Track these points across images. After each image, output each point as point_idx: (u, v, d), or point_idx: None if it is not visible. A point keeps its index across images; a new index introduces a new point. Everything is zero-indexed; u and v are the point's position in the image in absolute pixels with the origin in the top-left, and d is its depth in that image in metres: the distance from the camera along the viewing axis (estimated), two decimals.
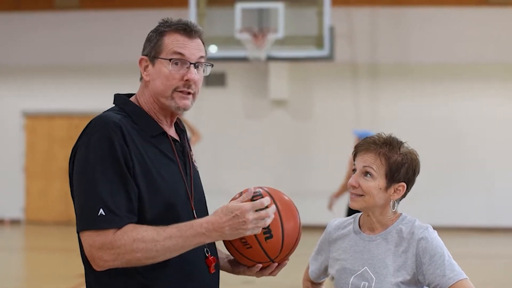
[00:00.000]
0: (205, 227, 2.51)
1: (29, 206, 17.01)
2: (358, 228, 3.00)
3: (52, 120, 16.94)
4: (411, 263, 2.85)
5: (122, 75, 16.07)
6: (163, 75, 2.70)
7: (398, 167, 2.90)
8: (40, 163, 16.96)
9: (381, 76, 16.10)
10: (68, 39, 16.64)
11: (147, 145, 2.65)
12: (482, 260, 12.06)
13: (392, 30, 16.08)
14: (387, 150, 2.91)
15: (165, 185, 2.63)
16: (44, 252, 13.13)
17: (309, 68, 16.02)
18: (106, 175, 2.51)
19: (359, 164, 2.92)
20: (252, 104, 16.32)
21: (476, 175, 15.79)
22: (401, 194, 2.93)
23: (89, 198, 2.51)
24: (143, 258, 2.49)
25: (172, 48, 2.71)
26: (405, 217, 2.97)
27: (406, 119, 15.78)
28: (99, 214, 2.47)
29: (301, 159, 16.16)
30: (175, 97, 2.71)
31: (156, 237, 2.48)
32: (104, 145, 2.54)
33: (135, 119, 2.69)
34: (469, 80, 15.88)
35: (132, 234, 2.48)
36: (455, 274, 2.82)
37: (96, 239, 2.48)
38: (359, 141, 2.63)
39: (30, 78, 16.90)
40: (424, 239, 2.87)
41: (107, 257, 2.48)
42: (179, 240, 2.50)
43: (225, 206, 2.55)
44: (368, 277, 2.88)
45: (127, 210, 2.52)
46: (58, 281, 9.73)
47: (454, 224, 15.51)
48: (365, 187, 2.88)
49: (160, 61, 2.71)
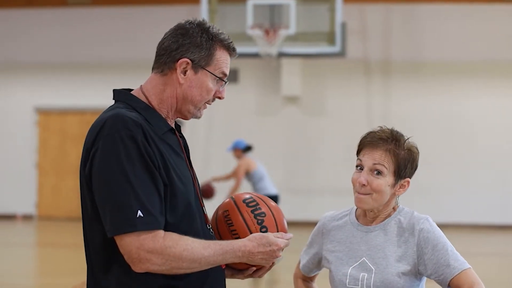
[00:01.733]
0: (242, 250, 2.59)
1: (41, 202, 17.08)
2: (355, 220, 2.96)
3: (64, 116, 16.99)
4: (412, 254, 2.83)
5: (135, 72, 16.08)
6: (205, 88, 2.69)
7: (405, 164, 2.87)
8: (52, 159, 17.02)
9: (394, 73, 16.06)
10: (80, 36, 16.69)
11: (161, 142, 2.62)
12: (494, 258, 12.02)
13: (405, 26, 16.03)
14: (394, 146, 2.86)
15: (181, 182, 2.61)
16: (56, 248, 13.17)
17: (321, 65, 15.99)
18: (138, 176, 2.48)
19: (367, 162, 2.85)
20: (264, 101, 16.32)
21: (489, 173, 15.73)
22: (406, 190, 2.91)
23: (125, 200, 2.46)
24: (185, 268, 2.52)
25: (221, 68, 2.70)
26: (403, 208, 2.94)
27: (418, 116, 15.74)
28: (138, 216, 2.45)
29: (313, 156, 16.15)
30: (201, 108, 2.74)
31: (203, 251, 2.52)
32: (131, 145, 2.49)
33: (145, 116, 2.65)
34: (482, 78, 15.81)
35: (183, 244, 2.49)
36: (459, 264, 2.80)
37: (144, 242, 2.46)
38: (236, 151, 2.55)
39: (42, 74, 16.96)
40: (426, 230, 2.84)
41: (157, 261, 2.47)
42: (219, 257, 2.56)
43: (264, 237, 2.63)
44: (367, 268, 2.85)
45: (161, 210, 2.51)
46: (70, 276, 9.76)
47: (465, 221, 15.46)
48: (375, 185, 2.83)
49: (206, 73, 2.68)
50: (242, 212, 2.75)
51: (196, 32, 2.70)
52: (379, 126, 2.95)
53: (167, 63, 2.70)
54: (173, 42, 2.70)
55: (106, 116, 2.57)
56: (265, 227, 2.71)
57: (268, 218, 2.74)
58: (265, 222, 2.72)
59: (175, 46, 2.69)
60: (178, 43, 2.69)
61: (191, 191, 2.67)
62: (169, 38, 2.72)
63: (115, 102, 2.74)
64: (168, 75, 2.70)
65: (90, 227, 2.63)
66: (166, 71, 2.70)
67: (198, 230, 2.62)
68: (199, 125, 15.66)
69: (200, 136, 15.94)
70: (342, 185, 15.56)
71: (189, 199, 2.63)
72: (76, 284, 8.38)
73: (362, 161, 2.87)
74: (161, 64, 2.71)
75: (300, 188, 16.03)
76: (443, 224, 13.88)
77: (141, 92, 2.74)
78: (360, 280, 2.84)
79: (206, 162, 15.45)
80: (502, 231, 15.34)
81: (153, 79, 2.74)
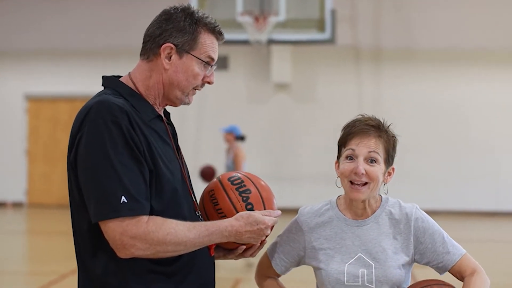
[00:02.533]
0: (229, 230, 2.60)
1: (32, 189, 17.05)
2: (341, 214, 2.89)
3: (55, 104, 16.95)
4: (409, 244, 2.82)
5: (126, 59, 16.03)
6: (191, 73, 2.68)
7: (392, 150, 2.86)
8: (42, 146, 16.99)
9: (384, 60, 16.06)
10: (71, 23, 16.61)
11: (147, 128, 2.62)
12: (488, 245, 12.07)
13: (395, 13, 16.01)
14: (384, 133, 2.84)
15: (167, 169, 2.62)
16: (46, 235, 13.17)
17: (311, 52, 15.98)
18: (122, 161, 2.48)
19: (361, 150, 2.79)
20: (255, 88, 16.31)
21: (482, 160, 15.78)
22: (391, 177, 2.88)
23: (108, 186, 2.47)
24: (171, 251, 2.53)
25: (207, 52, 2.69)
26: (387, 198, 2.91)
27: (408, 103, 15.77)
28: (122, 202, 2.45)
29: (303, 143, 16.16)
30: (190, 94, 2.73)
31: (187, 233, 2.53)
32: (114, 130, 2.49)
33: (132, 102, 2.65)
34: (473, 65, 15.83)
35: (165, 228, 2.50)
36: (458, 250, 2.84)
37: (128, 227, 2.47)
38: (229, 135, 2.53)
39: (33, 61, 16.90)
40: (420, 219, 2.84)
41: (141, 246, 2.48)
42: (205, 239, 2.57)
43: (251, 215, 2.63)
44: (366, 263, 2.80)
45: (146, 196, 2.52)
46: (61, 264, 9.76)
47: (460, 208, 15.53)
48: (373, 173, 2.77)
49: (191, 58, 2.68)
50: (227, 190, 2.75)
51: (179, 16, 2.69)
52: (360, 115, 2.91)
53: (152, 49, 2.70)
54: (157, 28, 2.70)
55: (91, 103, 2.58)
56: (251, 204, 2.70)
57: (254, 195, 2.73)
58: (251, 199, 2.71)
59: (159, 32, 2.69)
60: (162, 29, 2.69)
61: (178, 178, 2.67)
62: (154, 24, 2.72)
63: (104, 89, 2.74)
64: (154, 61, 2.70)
65: (77, 213, 2.64)
66: (152, 57, 2.70)
67: (185, 217, 2.62)
68: (189, 113, 15.64)
69: (190, 123, 15.92)
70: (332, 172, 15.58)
71: (176, 185, 2.63)
72: None
73: (355, 150, 2.80)
74: (146, 51, 2.72)
75: (290, 175, 16.05)
76: (435, 211, 13.97)
77: (129, 79, 2.74)
78: (360, 277, 2.80)
79: (197, 149, 15.45)
80: (495, 217, 15.41)
81: (140, 66, 2.74)
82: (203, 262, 2.72)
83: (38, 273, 9.49)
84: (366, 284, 2.80)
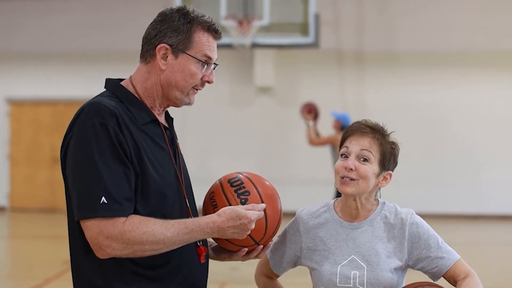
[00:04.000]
0: (210, 227, 2.58)
1: (14, 193, 16.95)
2: (337, 216, 2.93)
3: (37, 107, 16.87)
4: (403, 249, 2.85)
5: (108, 62, 16.02)
6: (188, 72, 2.69)
7: (389, 155, 2.90)
8: (25, 150, 16.89)
9: (367, 64, 16.12)
10: (53, 26, 16.55)
11: (140, 132, 2.63)
12: (468, 247, 12.13)
13: (378, 17, 16.08)
14: (381, 136, 2.89)
15: (157, 173, 2.62)
16: (29, 239, 13.10)
17: (295, 55, 16.00)
18: (106, 163, 2.50)
19: (354, 147, 2.84)
20: (238, 91, 16.31)
21: (463, 163, 15.86)
22: (388, 183, 2.92)
23: (90, 186, 2.49)
24: (149, 250, 2.52)
25: (203, 51, 2.71)
26: (384, 202, 2.94)
27: (392, 106, 15.82)
28: (101, 202, 2.47)
29: (287, 146, 16.18)
30: (190, 93, 2.74)
31: (165, 232, 2.52)
32: (101, 132, 2.51)
33: (127, 105, 2.66)
34: (456, 68, 15.91)
35: (141, 227, 2.49)
36: (452, 255, 2.87)
37: (103, 228, 2.48)
38: (338, 123, 2.60)
39: (14, 64, 16.81)
40: (415, 224, 2.88)
41: (116, 245, 2.49)
42: (185, 236, 2.55)
43: (233, 210, 2.61)
44: (358, 265, 2.83)
45: (128, 198, 2.52)
46: (44, 268, 9.72)
47: (440, 211, 15.58)
48: (362, 171, 2.82)
49: (187, 57, 2.69)
50: (226, 192, 2.75)
51: (174, 16, 2.71)
52: (363, 119, 2.96)
53: (148, 50, 2.72)
54: (152, 30, 2.73)
55: (85, 104, 2.61)
56: None
57: (253, 197, 2.72)
58: (249, 201, 2.71)
59: (154, 33, 2.72)
60: (157, 30, 2.71)
61: (170, 182, 2.67)
62: (150, 26, 2.75)
63: (104, 91, 2.76)
64: (151, 63, 2.72)
65: (70, 213, 2.65)
66: (149, 59, 2.72)
67: None
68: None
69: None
70: (316, 175, 15.60)
71: (165, 190, 2.63)
72: None
73: (349, 148, 2.86)
74: (144, 53, 2.74)
75: (274, 178, 15.90)
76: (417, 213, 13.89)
77: (130, 82, 2.76)
78: (352, 278, 2.83)
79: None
80: (477, 220, 15.48)
81: (139, 69, 2.76)
82: (192, 269, 2.72)
83: (21, 278, 9.44)
84: (357, 286, 2.82)
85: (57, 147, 16.06)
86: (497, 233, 14.35)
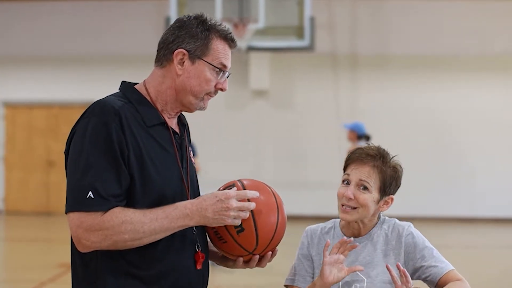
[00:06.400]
0: (189, 208, 2.57)
1: (9, 197, 16.93)
2: (341, 233, 3.01)
3: (31, 110, 16.86)
4: (400, 259, 2.92)
5: (102, 66, 16.03)
6: (203, 78, 2.73)
7: (390, 181, 2.96)
8: (19, 153, 16.88)
9: (361, 67, 16.15)
10: (47, 30, 16.55)
11: (144, 134, 2.66)
12: (462, 250, 12.14)
13: (372, 21, 16.12)
14: (381, 163, 2.93)
15: (158, 176, 2.64)
16: (24, 243, 13.09)
17: (290, 59, 16.03)
18: (99, 160, 2.53)
19: (354, 176, 2.92)
20: (233, 94, 16.31)
21: (457, 166, 15.89)
22: (389, 206, 2.98)
23: (79, 181, 2.53)
24: (130, 240, 2.53)
25: (219, 59, 2.74)
26: (385, 218, 3.03)
27: (386, 109, 15.86)
28: (88, 197, 2.50)
29: (282, 149, 16.19)
30: (204, 99, 2.79)
31: (143, 219, 2.53)
32: (101, 130, 2.56)
33: (136, 106, 2.70)
34: (449, 72, 15.97)
35: (120, 216, 2.51)
36: (445, 265, 2.92)
37: (84, 220, 2.51)
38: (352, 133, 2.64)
39: (9, 68, 16.80)
40: (411, 235, 2.95)
41: (94, 238, 2.51)
42: (164, 221, 2.55)
43: (213, 193, 2.62)
44: (359, 278, 2.90)
45: (116, 195, 2.54)
46: (39, 271, 9.71)
47: (435, 215, 15.61)
48: (361, 200, 2.89)
49: (203, 64, 2.72)
50: None
51: (192, 23, 2.74)
52: (366, 143, 3.04)
53: (165, 55, 2.75)
54: (170, 35, 2.76)
55: (94, 102, 2.66)
56: None
57: None
58: None
59: (172, 39, 2.74)
60: (175, 35, 2.74)
61: (172, 185, 2.68)
62: (167, 31, 2.78)
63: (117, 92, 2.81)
64: (167, 67, 2.75)
65: None
66: (165, 63, 2.75)
67: None
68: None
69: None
70: (309, 179, 15.63)
71: (166, 192, 2.64)
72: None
73: (350, 176, 2.93)
74: (160, 57, 2.77)
75: (268, 181, 15.99)
76: (410, 217, 13.95)
77: (143, 85, 2.79)
78: None
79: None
80: (471, 224, 15.50)
81: (154, 73, 2.80)
82: (187, 274, 2.71)
83: (16, 281, 9.43)
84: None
85: (51, 150, 16.05)
86: (491, 236, 14.38)
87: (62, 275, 9.36)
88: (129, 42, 15.92)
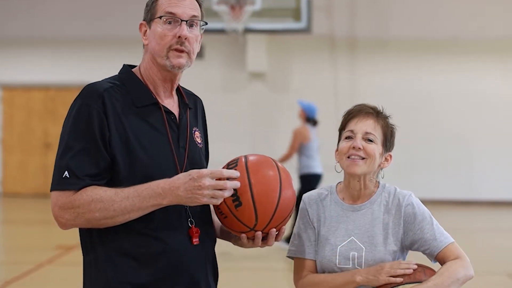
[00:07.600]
0: (161, 186, 2.56)
1: (7, 179, 16.95)
2: (339, 198, 2.99)
3: (29, 92, 16.85)
4: (399, 230, 2.90)
5: (99, 48, 15.99)
6: (157, 35, 2.74)
7: (390, 137, 2.98)
8: (18, 135, 16.88)
9: (360, 50, 16.13)
10: (45, 12, 16.50)
11: (132, 115, 2.68)
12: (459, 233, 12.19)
13: (371, 3, 16.08)
14: (382, 118, 2.98)
15: (146, 156, 2.65)
16: (22, 225, 13.11)
17: (287, 41, 16.00)
18: (77, 141, 2.59)
19: (360, 129, 2.91)
20: (230, 77, 16.31)
21: (455, 149, 15.92)
22: (389, 163, 2.99)
23: (59, 161, 2.61)
24: (102, 218, 2.56)
25: (164, 8, 2.74)
26: (385, 185, 3.01)
27: (384, 92, 15.84)
28: (64, 176, 2.57)
29: (278, 132, 16.19)
30: (170, 56, 2.74)
31: (113, 197, 2.55)
32: (83, 113, 2.61)
33: (128, 88, 2.74)
34: (448, 55, 15.95)
35: (91, 194, 2.56)
36: (445, 237, 2.91)
37: (59, 198, 2.58)
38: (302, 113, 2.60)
39: (6, 50, 16.77)
40: (411, 205, 2.93)
41: (68, 216, 2.58)
42: (135, 200, 2.55)
43: (187, 171, 2.58)
44: (357, 246, 2.89)
45: (92, 175, 2.59)
46: (37, 253, 9.74)
47: (432, 197, 15.63)
48: (370, 149, 2.89)
49: (155, 22, 2.75)
50: None
51: None
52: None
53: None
54: None
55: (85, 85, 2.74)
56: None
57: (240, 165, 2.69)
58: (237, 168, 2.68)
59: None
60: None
61: (162, 166, 2.68)
62: None
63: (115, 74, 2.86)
64: (144, 45, 2.84)
65: None
66: (142, 43, 2.84)
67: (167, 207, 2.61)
68: None
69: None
70: None
71: (154, 173, 2.64)
72: None
73: (355, 130, 2.92)
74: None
75: None
76: None
77: (138, 67, 2.86)
78: (351, 259, 2.88)
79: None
80: (468, 206, 15.55)
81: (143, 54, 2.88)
82: (183, 251, 2.70)
83: (14, 263, 9.46)
84: (356, 266, 2.88)
85: (49, 132, 16.05)
86: (488, 218, 14.42)
87: (60, 257, 9.39)
88: (127, 24, 15.85)
